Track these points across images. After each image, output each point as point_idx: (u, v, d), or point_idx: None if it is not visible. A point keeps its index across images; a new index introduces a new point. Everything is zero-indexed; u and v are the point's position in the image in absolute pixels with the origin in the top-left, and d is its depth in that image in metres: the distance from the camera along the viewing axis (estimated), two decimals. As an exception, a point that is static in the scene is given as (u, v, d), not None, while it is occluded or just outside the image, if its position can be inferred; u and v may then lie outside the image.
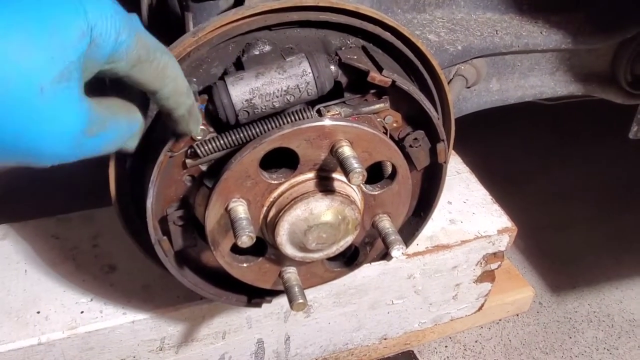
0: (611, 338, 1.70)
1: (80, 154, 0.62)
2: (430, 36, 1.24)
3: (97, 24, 0.58)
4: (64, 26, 0.56)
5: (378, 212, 0.95)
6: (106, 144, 0.65)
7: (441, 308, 1.52)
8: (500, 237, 1.42)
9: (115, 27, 0.59)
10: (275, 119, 0.82)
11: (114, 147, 0.68)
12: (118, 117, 0.67)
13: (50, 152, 0.59)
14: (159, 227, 0.89)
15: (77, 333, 1.12)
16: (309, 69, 0.81)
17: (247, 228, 0.79)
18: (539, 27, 1.35)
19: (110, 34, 0.59)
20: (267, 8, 0.86)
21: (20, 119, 0.55)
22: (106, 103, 0.66)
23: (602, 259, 1.93)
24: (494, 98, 1.42)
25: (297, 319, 1.33)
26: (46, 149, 0.58)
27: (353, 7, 0.89)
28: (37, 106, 0.55)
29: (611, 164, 2.28)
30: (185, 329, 1.22)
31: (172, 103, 0.71)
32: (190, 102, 0.73)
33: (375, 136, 0.85)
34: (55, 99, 0.56)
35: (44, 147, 0.58)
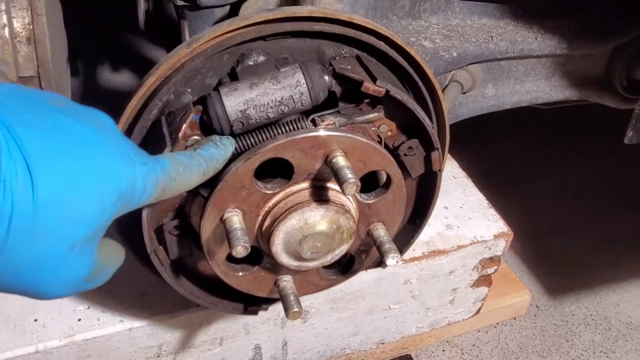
0: (608, 341, 1.70)
1: (70, 293, 0.64)
2: (426, 43, 1.24)
3: (134, 188, 0.63)
4: (109, 190, 0.60)
5: (373, 221, 0.95)
6: (94, 286, 0.68)
7: (438, 312, 1.52)
8: (496, 241, 1.43)
9: (143, 187, 0.65)
10: (269, 130, 0.82)
11: (96, 287, 0.70)
12: (110, 262, 0.70)
13: (51, 295, 0.62)
14: (154, 237, 0.90)
15: (74, 341, 1.12)
16: (303, 79, 0.81)
17: (242, 238, 0.80)
18: (534, 33, 1.36)
19: (139, 193, 0.64)
20: (261, 19, 0.86)
21: (41, 270, 0.58)
22: (104, 248, 0.68)
23: (599, 262, 1.94)
24: (489, 103, 1.42)
25: (294, 324, 1.33)
26: (49, 293, 0.61)
27: (347, 17, 0.89)
28: (62, 261, 0.59)
29: (607, 167, 2.28)
30: (182, 335, 1.22)
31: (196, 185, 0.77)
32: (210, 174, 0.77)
33: (369, 146, 0.85)
34: (80, 255, 0.60)
35: (47, 289, 0.61)
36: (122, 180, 0.62)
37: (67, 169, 0.57)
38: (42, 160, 0.55)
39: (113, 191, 0.61)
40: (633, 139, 1.30)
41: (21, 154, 0.53)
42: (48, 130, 0.57)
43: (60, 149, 0.57)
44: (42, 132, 0.56)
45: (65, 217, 0.56)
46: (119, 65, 1.85)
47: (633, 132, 1.29)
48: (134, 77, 1.85)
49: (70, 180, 0.57)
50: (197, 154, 0.75)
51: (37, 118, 0.57)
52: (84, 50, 1.71)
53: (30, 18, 1.04)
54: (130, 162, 0.63)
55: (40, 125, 0.57)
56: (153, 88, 0.85)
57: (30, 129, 0.55)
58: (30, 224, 0.54)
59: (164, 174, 0.68)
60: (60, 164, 0.56)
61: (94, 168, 0.59)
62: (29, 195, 0.53)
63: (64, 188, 0.56)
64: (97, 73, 1.87)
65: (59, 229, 0.57)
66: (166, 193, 0.70)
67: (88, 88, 1.81)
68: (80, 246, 0.60)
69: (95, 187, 0.59)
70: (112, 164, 0.61)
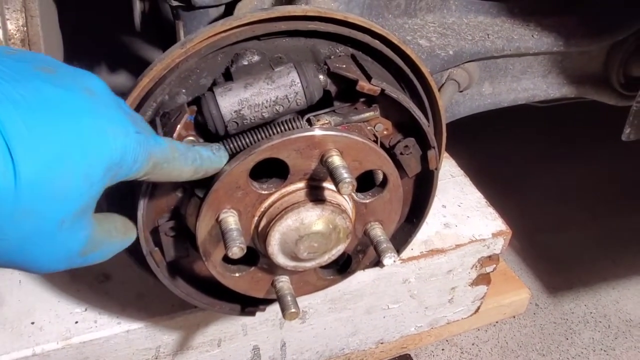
0: (608, 339, 1.70)
1: (65, 268, 0.64)
2: (422, 41, 1.24)
3: (124, 157, 0.61)
4: (97, 163, 0.58)
5: (370, 220, 0.94)
6: (92, 261, 0.67)
7: (437, 311, 1.52)
8: (495, 240, 1.42)
9: (134, 157, 0.62)
10: (264, 130, 0.82)
11: (99, 262, 0.69)
12: (113, 239, 0.69)
13: (43, 268, 0.61)
14: (150, 238, 0.89)
15: (71, 343, 1.12)
16: (298, 79, 0.81)
17: (237, 239, 0.79)
18: (531, 30, 1.36)
19: (129, 163, 0.62)
20: (255, 18, 0.86)
21: (32, 247, 0.57)
22: (106, 224, 0.68)
23: (598, 260, 1.94)
24: (486, 102, 1.42)
25: (293, 325, 1.33)
26: (41, 266, 0.61)
27: (341, 16, 0.89)
28: (52, 237, 0.58)
29: (606, 165, 2.28)
30: (180, 337, 1.22)
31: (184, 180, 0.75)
32: (200, 174, 0.76)
33: (365, 145, 0.85)
34: (70, 230, 0.59)
35: (40, 265, 0.60)
36: (111, 151, 0.59)
37: (50, 146, 0.55)
38: (24, 139, 0.53)
39: (101, 163, 0.59)
40: (630, 136, 1.29)
41: (3, 139, 0.52)
42: (30, 103, 0.55)
43: (43, 124, 0.55)
44: (23, 107, 0.54)
45: (50, 196, 0.55)
46: (115, 67, 1.85)
47: (630, 129, 1.29)
48: (130, 78, 1.85)
49: (54, 157, 0.55)
50: (194, 149, 0.75)
51: (19, 89, 0.55)
52: (80, 51, 1.71)
53: (24, 20, 1.03)
54: (122, 131, 0.61)
55: (22, 98, 0.54)
56: (147, 89, 0.85)
57: (10, 105, 0.53)
58: (13, 206, 0.53)
59: (158, 150, 0.66)
60: (43, 141, 0.54)
61: (80, 141, 0.57)
62: (11, 177, 0.52)
63: (48, 166, 0.54)
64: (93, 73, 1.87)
65: (45, 208, 0.55)
66: (157, 172, 0.68)
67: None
68: (70, 222, 0.58)
69: (82, 162, 0.57)
70: (101, 135, 0.59)
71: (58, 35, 1.26)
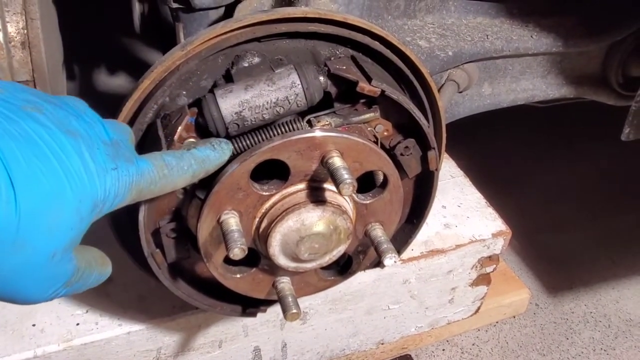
0: (608, 338, 1.70)
1: (49, 299, 0.64)
2: (421, 42, 1.24)
3: (107, 195, 0.63)
4: (86, 200, 0.61)
5: (370, 221, 0.95)
6: (74, 292, 0.68)
7: (437, 312, 1.52)
8: (495, 240, 1.43)
9: (115, 192, 0.64)
10: (265, 131, 0.82)
11: (78, 292, 0.70)
12: (92, 270, 0.70)
13: (28, 300, 0.62)
14: (151, 240, 0.90)
15: (72, 345, 1.12)
16: (298, 80, 0.81)
17: (238, 240, 0.79)
18: (530, 31, 1.36)
19: (111, 199, 0.64)
20: (255, 20, 0.86)
21: (22, 278, 0.59)
22: (87, 255, 0.69)
23: (598, 260, 1.94)
24: (486, 102, 1.42)
25: (294, 326, 1.33)
26: (26, 297, 0.61)
27: (341, 18, 0.89)
28: (43, 269, 0.59)
29: (606, 164, 2.28)
30: (181, 338, 1.22)
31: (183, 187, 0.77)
32: (201, 176, 0.77)
33: (365, 146, 0.85)
34: (60, 263, 0.61)
35: (25, 297, 0.61)
36: (96, 189, 0.62)
37: (47, 180, 0.57)
38: (23, 172, 0.55)
39: (89, 199, 0.61)
40: (630, 136, 1.30)
41: (3, 166, 0.54)
42: (27, 141, 0.57)
43: (39, 160, 0.57)
44: (21, 144, 0.57)
45: (46, 228, 0.57)
46: (114, 69, 1.85)
47: (630, 129, 1.29)
48: (130, 81, 1.85)
49: (50, 190, 0.57)
50: (189, 154, 0.75)
51: (14, 127, 0.57)
52: (80, 53, 1.71)
53: (24, 22, 1.04)
54: (102, 170, 0.63)
55: (18, 135, 0.57)
56: (148, 91, 0.85)
57: (11, 141, 0.56)
58: (14, 235, 0.55)
59: (140, 178, 0.67)
60: (41, 175, 0.57)
61: (69, 179, 0.59)
62: (12, 207, 0.54)
63: (45, 199, 0.57)
64: (93, 77, 1.87)
65: (41, 239, 0.57)
66: (145, 195, 0.70)
67: (84, 92, 1.81)
68: (60, 255, 0.60)
69: (73, 198, 0.59)
70: (87, 174, 0.61)
71: (58, 37, 1.26)
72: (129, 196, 0.67)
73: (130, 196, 0.67)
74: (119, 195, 0.65)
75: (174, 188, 0.73)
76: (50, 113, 0.62)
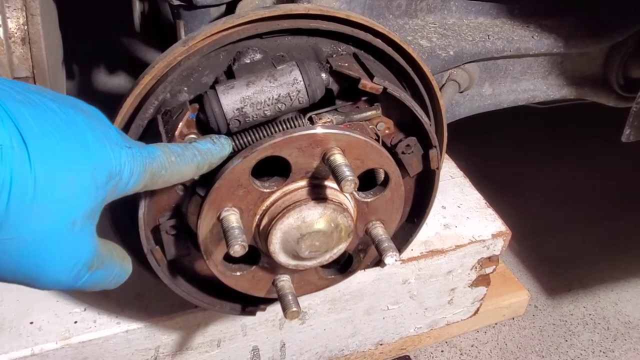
0: (607, 340, 1.70)
1: (74, 285, 0.64)
2: (422, 42, 1.24)
3: (122, 169, 0.64)
4: (101, 169, 0.61)
5: (371, 219, 0.94)
6: (98, 282, 0.68)
7: (437, 313, 1.52)
8: (494, 241, 1.42)
9: (130, 170, 0.65)
10: (266, 128, 0.82)
11: (102, 287, 0.70)
12: (114, 259, 0.70)
13: (52, 281, 0.61)
14: (151, 237, 0.89)
15: (70, 343, 1.11)
16: (300, 77, 0.81)
17: (239, 237, 0.79)
18: (531, 32, 1.36)
19: (127, 176, 0.65)
20: (257, 16, 0.86)
21: (45, 248, 0.58)
22: (108, 245, 0.69)
23: (597, 262, 1.94)
24: (486, 102, 1.42)
25: (292, 325, 1.32)
26: (48, 274, 0.60)
27: (344, 15, 0.89)
28: (63, 238, 0.59)
29: (606, 166, 2.28)
30: (179, 337, 1.22)
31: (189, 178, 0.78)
32: (204, 169, 0.77)
33: (367, 144, 0.85)
34: (80, 233, 0.61)
35: (47, 273, 0.60)
36: (110, 160, 0.62)
37: (60, 144, 0.57)
38: (36, 134, 0.55)
39: (104, 168, 0.61)
40: (630, 137, 1.29)
41: (15, 126, 0.54)
42: (39, 110, 0.58)
43: (52, 126, 0.58)
44: (34, 111, 0.57)
45: (63, 191, 0.57)
46: (114, 67, 1.85)
47: (630, 130, 1.29)
48: (130, 79, 1.85)
49: (64, 154, 0.58)
50: (192, 146, 0.75)
51: (28, 99, 0.58)
52: (80, 51, 1.71)
53: (24, 18, 1.03)
54: (117, 146, 0.64)
55: (31, 105, 0.58)
56: (149, 87, 0.85)
57: (22, 107, 0.56)
58: (31, 196, 0.54)
59: (152, 160, 0.68)
60: (53, 139, 0.57)
61: (84, 149, 0.60)
62: (27, 165, 0.54)
63: (59, 161, 0.57)
64: (92, 75, 1.87)
65: (59, 203, 0.57)
66: (157, 181, 0.70)
67: (83, 90, 1.81)
68: (80, 224, 0.60)
69: (88, 165, 0.60)
70: (101, 147, 0.62)
71: (58, 34, 1.25)
72: (143, 178, 0.67)
73: (144, 178, 0.67)
74: (134, 173, 0.65)
75: (181, 178, 0.74)
76: (59, 96, 0.63)
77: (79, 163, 0.59)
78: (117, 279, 0.72)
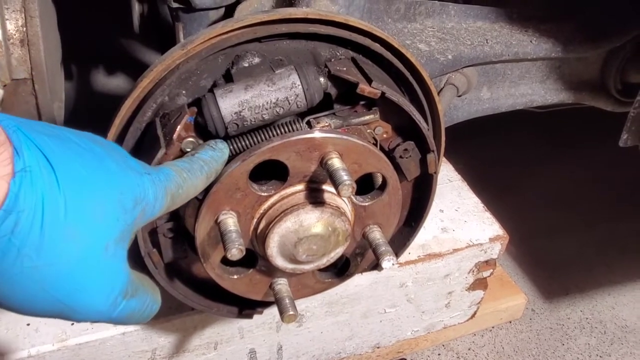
0: (604, 344, 1.70)
1: (112, 314, 0.63)
2: (421, 45, 1.24)
3: (147, 194, 0.65)
4: (127, 193, 0.62)
5: (369, 223, 0.94)
6: (134, 311, 0.66)
7: (434, 316, 1.52)
8: (492, 245, 1.42)
9: (155, 195, 0.66)
10: (264, 132, 0.82)
11: (136, 319, 0.68)
12: (146, 288, 0.69)
13: (90, 309, 0.61)
14: (148, 239, 0.89)
15: (67, 345, 1.11)
16: (298, 81, 0.81)
17: (236, 241, 0.79)
18: (529, 36, 1.36)
19: (152, 201, 0.66)
20: (256, 20, 0.86)
21: (81, 272, 0.58)
22: (136, 274, 0.69)
23: (594, 266, 1.94)
24: (485, 106, 1.43)
25: (290, 328, 1.32)
26: (88, 304, 0.60)
27: (342, 19, 0.89)
28: (98, 262, 0.59)
29: (603, 170, 2.29)
30: (176, 339, 1.21)
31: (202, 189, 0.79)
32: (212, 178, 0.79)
33: (364, 148, 0.85)
34: (114, 258, 0.61)
35: (87, 302, 0.60)
36: (134, 185, 0.63)
37: (85, 169, 0.58)
38: (61, 159, 0.56)
39: (129, 194, 0.62)
40: (628, 142, 1.30)
41: (40, 152, 0.55)
42: (61, 139, 0.59)
43: (75, 154, 0.59)
44: (56, 140, 0.58)
45: (93, 214, 0.58)
46: (113, 69, 1.85)
47: (628, 135, 1.29)
48: (129, 81, 1.85)
49: (90, 178, 0.58)
50: (196, 158, 0.76)
51: (48, 131, 0.59)
52: (78, 53, 1.71)
53: (23, 20, 1.03)
54: (138, 173, 0.65)
55: (53, 135, 0.59)
56: (147, 90, 0.85)
57: (45, 136, 0.57)
58: (62, 220, 0.55)
59: (170, 182, 0.69)
60: (78, 165, 0.58)
61: (108, 172, 0.61)
62: (56, 188, 0.55)
63: (86, 185, 0.58)
64: (91, 76, 1.87)
65: (91, 226, 0.57)
66: (176, 201, 0.71)
67: (82, 92, 1.81)
68: (113, 249, 0.60)
69: (112, 188, 0.61)
70: (123, 172, 0.63)
71: (57, 36, 1.25)
72: (167, 201, 0.68)
73: (166, 201, 0.68)
74: (158, 198, 0.67)
75: (196, 192, 0.76)
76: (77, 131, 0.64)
77: (105, 186, 0.60)
78: (149, 310, 0.70)
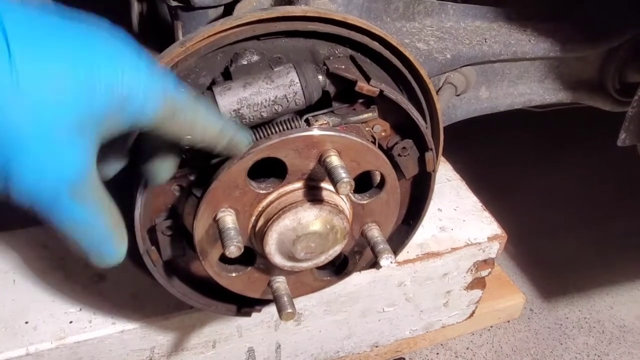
0: (602, 344, 1.70)
1: (51, 207, 0.57)
2: (420, 45, 1.25)
3: (131, 86, 0.56)
4: (99, 81, 0.55)
5: (367, 221, 0.95)
6: (76, 221, 0.60)
7: (432, 315, 1.52)
8: (490, 244, 1.43)
9: (144, 93, 0.58)
10: (263, 129, 0.82)
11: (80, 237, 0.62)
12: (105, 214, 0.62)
13: (27, 187, 0.55)
14: (147, 237, 0.89)
15: (65, 343, 1.11)
16: (297, 78, 0.81)
17: (235, 238, 0.79)
18: (528, 36, 1.36)
19: (138, 99, 0.57)
20: (255, 18, 0.86)
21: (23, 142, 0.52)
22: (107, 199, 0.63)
23: (593, 265, 1.94)
24: (483, 106, 1.43)
25: (288, 327, 1.32)
26: (26, 182, 0.54)
27: (341, 17, 0.89)
28: (45, 137, 0.53)
29: (601, 170, 2.29)
30: (175, 338, 1.22)
31: (206, 146, 0.70)
32: (225, 141, 0.72)
33: (363, 146, 0.85)
34: (69, 146, 0.55)
35: (25, 179, 0.54)
36: (114, 66, 0.56)
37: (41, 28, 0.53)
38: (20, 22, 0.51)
39: (99, 72, 0.55)
40: (626, 142, 1.30)
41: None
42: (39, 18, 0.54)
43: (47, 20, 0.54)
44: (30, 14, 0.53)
45: (40, 84, 0.52)
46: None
47: (626, 134, 1.29)
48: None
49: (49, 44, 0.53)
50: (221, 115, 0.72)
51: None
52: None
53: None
54: (132, 63, 0.57)
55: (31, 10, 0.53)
56: (146, 87, 0.85)
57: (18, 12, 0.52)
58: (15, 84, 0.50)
59: (175, 92, 0.61)
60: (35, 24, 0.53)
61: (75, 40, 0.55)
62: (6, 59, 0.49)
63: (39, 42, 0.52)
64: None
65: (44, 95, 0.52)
66: (177, 120, 0.62)
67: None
68: (69, 134, 0.54)
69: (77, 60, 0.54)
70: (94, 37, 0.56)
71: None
72: (162, 106, 0.60)
73: (163, 106, 0.60)
74: (150, 98, 0.58)
75: (203, 134, 0.67)
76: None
77: (63, 56, 0.53)
78: (101, 246, 0.63)
